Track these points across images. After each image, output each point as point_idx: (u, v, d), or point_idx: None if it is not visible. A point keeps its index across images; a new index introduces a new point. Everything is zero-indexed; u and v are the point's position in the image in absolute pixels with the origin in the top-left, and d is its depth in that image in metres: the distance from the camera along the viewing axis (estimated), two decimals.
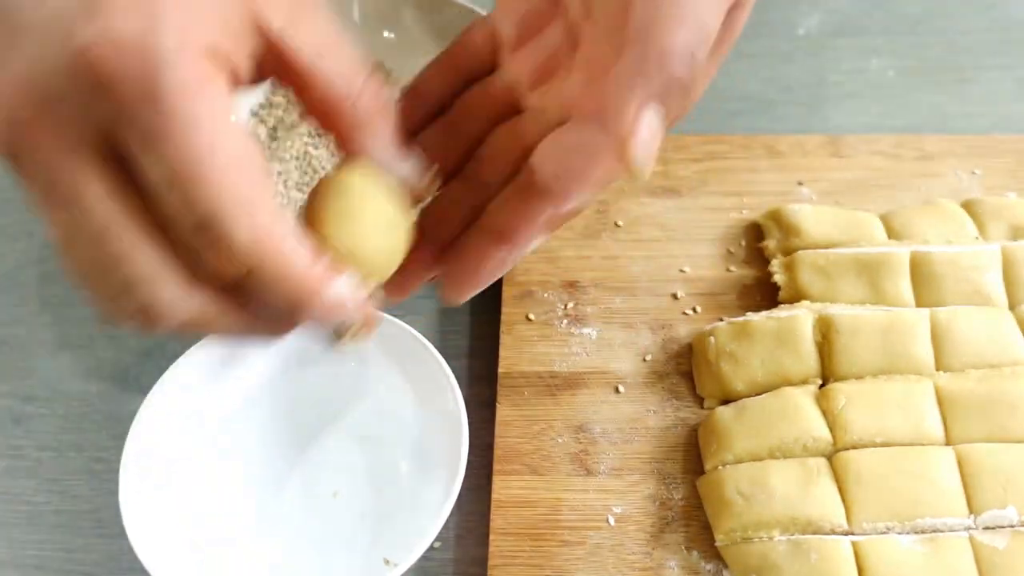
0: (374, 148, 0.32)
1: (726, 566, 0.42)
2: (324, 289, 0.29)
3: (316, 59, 0.30)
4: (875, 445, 0.43)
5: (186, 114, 0.26)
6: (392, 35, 0.62)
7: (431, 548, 0.44)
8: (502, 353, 0.50)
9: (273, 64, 0.30)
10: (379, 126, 0.32)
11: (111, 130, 0.27)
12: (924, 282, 0.48)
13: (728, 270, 0.53)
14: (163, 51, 0.26)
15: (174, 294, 0.28)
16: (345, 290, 0.30)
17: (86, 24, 0.26)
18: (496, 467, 0.46)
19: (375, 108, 0.32)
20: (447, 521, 0.41)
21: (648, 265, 0.53)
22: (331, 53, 0.31)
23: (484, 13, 0.58)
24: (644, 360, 0.50)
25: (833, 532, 0.41)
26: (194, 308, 0.29)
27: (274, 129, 0.60)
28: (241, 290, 0.29)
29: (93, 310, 0.29)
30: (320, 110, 0.31)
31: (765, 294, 0.52)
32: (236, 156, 0.27)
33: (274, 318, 0.30)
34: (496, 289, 0.54)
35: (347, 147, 0.32)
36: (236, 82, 0.29)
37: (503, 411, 0.48)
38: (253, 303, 0.29)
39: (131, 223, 0.28)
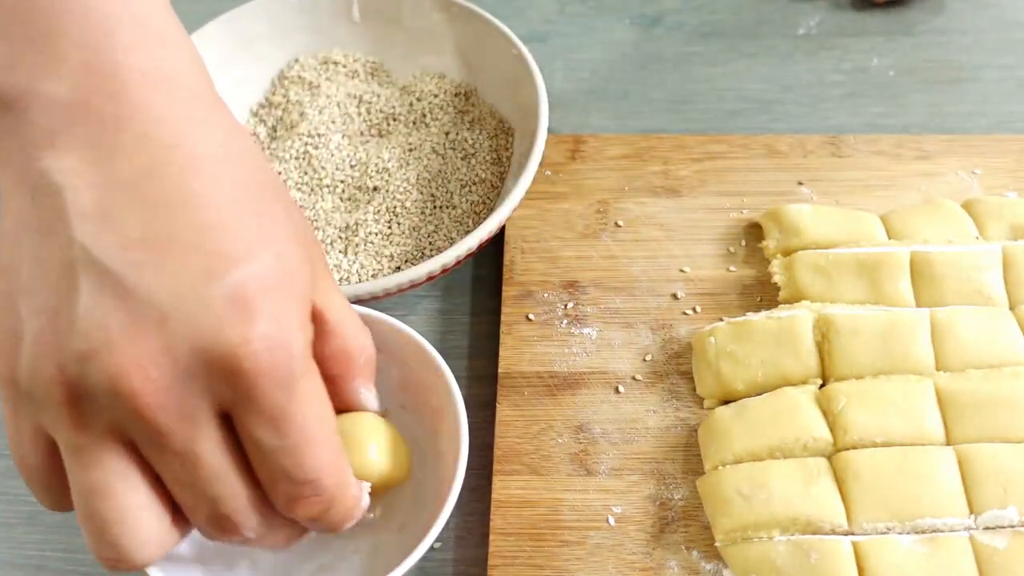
0: (365, 387, 0.40)
1: (726, 566, 0.42)
2: (360, 506, 0.37)
3: (341, 320, 0.37)
4: (875, 445, 0.43)
5: (304, 395, 0.33)
6: (391, 34, 0.62)
7: (431, 548, 0.43)
8: (502, 353, 0.50)
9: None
10: (369, 372, 0.40)
11: (225, 403, 0.32)
12: (924, 282, 0.48)
13: (728, 270, 0.53)
14: (296, 349, 0.33)
15: (256, 517, 0.35)
16: (366, 502, 0.38)
17: (239, 326, 0.31)
18: (496, 467, 0.46)
19: (371, 359, 0.40)
20: (447, 521, 0.41)
21: (648, 265, 0.53)
22: (348, 315, 0.38)
23: (485, 13, 0.58)
24: (644, 360, 0.50)
25: (833, 532, 0.41)
26: (267, 526, 0.36)
27: (274, 129, 0.60)
28: (311, 520, 0.36)
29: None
30: (332, 362, 0.37)
31: (765, 294, 0.52)
32: (332, 422, 0.35)
33: (320, 531, 0.38)
34: (496, 289, 0.54)
35: (342, 392, 0.39)
36: None
37: (503, 411, 0.48)
38: (314, 525, 0.37)
39: (232, 468, 0.33)
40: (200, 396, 0.32)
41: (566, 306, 0.52)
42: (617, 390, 0.49)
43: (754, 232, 0.54)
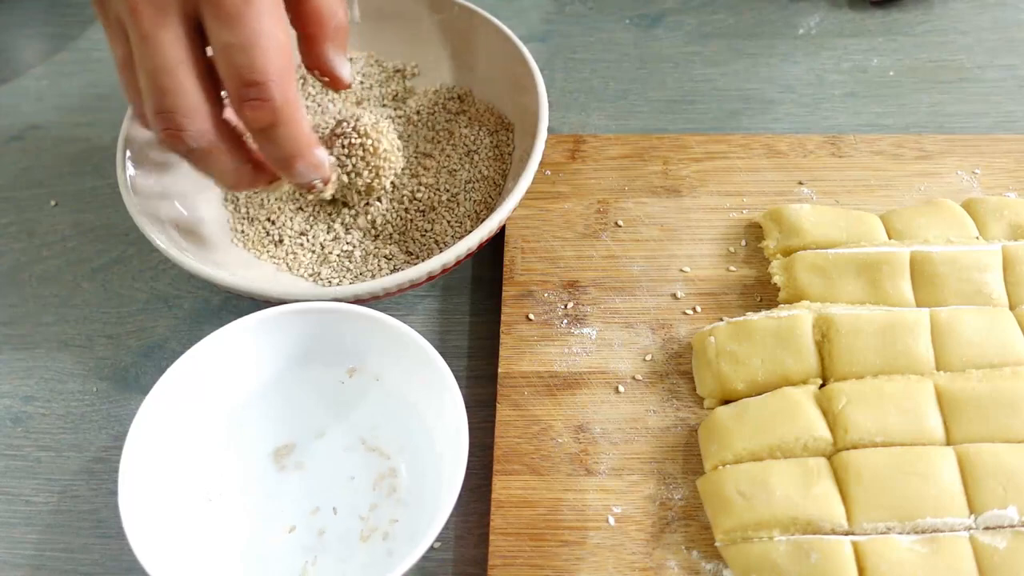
0: (333, 54, 0.47)
1: (726, 566, 0.42)
2: (313, 150, 0.45)
3: None
4: (875, 445, 0.43)
5: (260, 8, 0.40)
6: (392, 34, 0.62)
7: (431, 548, 0.44)
8: (502, 353, 0.50)
9: None
10: (340, 41, 0.47)
11: (194, 4, 0.40)
12: (924, 282, 0.48)
13: (728, 270, 0.53)
14: None
15: (200, 124, 0.42)
16: (323, 155, 0.46)
17: None
18: (496, 467, 0.46)
19: (341, 28, 0.47)
20: (447, 521, 0.41)
21: (648, 265, 0.53)
22: None
23: (485, 13, 0.58)
24: (644, 360, 0.50)
25: (833, 532, 0.41)
26: (208, 141, 0.43)
27: None
28: (261, 135, 0.43)
29: (136, 113, 0.44)
30: (305, 20, 0.45)
31: (765, 294, 0.52)
32: (283, 43, 0.41)
33: (273, 161, 0.45)
34: (496, 289, 0.54)
35: (313, 51, 0.47)
36: None
37: (503, 411, 0.48)
38: (267, 148, 0.44)
39: (187, 67, 0.41)
40: None
41: (566, 306, 0.52)
42: (617, 390, 0.48)
43: (754, 232, 0.54)
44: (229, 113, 0.44)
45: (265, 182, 0.47)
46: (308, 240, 0.54)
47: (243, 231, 0.55)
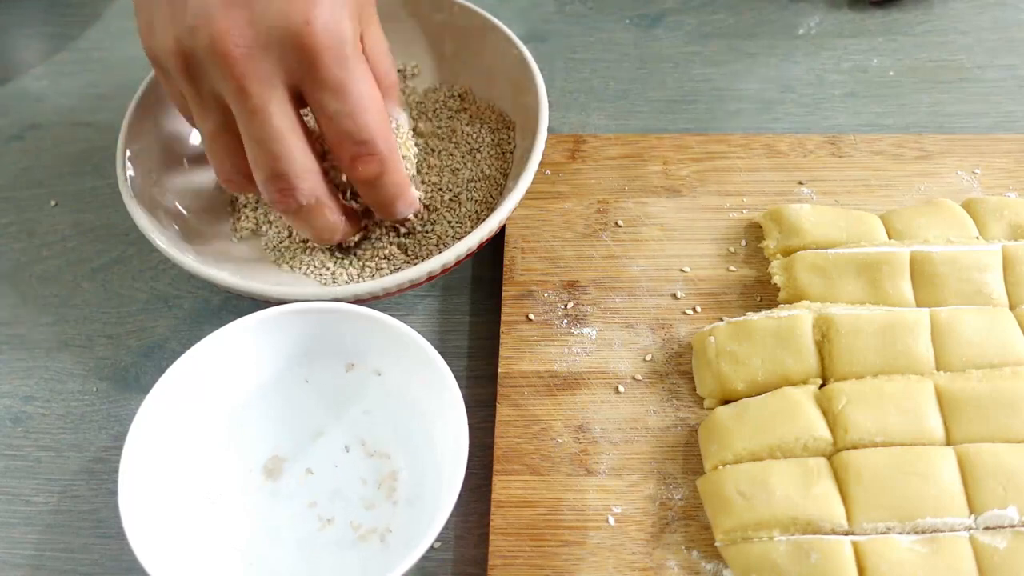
0: (389, 104, 0.50)
1: (726, 566, 0.42)
2: (410, 190, 0.50)
3: (372, 47, 0.48)
4: (875, 445, 0.43)
5: (357, 73, 0.44)
6: (391, 34, 0.62)
7: (431, 548, 0.44)
8: (502, 353, 0.50)
9: None
10: (392, 95, 0.51)
11: (295, 78, 0.43)
12: (924, 282, 0.48)
13: (728, 270, 0.53)
14: (347, 35, 0.43)
15: (311, 183, 0.46)
16: (415, 192, 0.51)
17: (304, 11, 0.42)
18: (496, 467, 0.46)
19: (393, 86, 0.51)
20: (447, 521, 0.41)
21: (648, 265, 0.53)
22: (380, 45, 0.49)
23: (485, 13, 0.58)
24: (644, 360, 0.50)
25: (833, 532, 0.41)
26: (317, 197, 0.47)
27: None
28: (368, 184, 0.47)
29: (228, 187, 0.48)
30: None
31: (765, 294, 0.52)
32: (379, 100, 0.46)
33: (375, 204, 0.49)
34: (496, 289, 0.54)
35: None
36: None
37: (503, 411, 0.48)
38: (372, 194, 0.48)
39: (295, 134, 0.44)
40: (274, 65, 0.42)
41: (566, 306, 0.52)
42: (617, 390, 0.48)
43: (754, 232, 0.54)
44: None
45: (355, 231, 0.52)
46: (308, 240, 0.54)
47: (243, 231, 0.55)
